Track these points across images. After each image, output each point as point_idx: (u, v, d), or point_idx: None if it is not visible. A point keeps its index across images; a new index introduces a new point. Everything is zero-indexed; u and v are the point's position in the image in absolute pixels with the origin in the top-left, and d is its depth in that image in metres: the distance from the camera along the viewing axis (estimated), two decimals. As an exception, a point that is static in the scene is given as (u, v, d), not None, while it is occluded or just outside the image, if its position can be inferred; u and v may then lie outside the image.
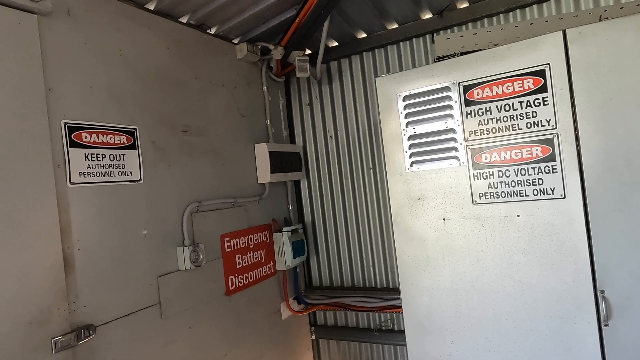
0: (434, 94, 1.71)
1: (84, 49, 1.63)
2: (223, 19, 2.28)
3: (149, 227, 1.80)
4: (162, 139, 1.93)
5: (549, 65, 1.49)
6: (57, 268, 1.43)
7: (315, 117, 2.92)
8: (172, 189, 1.94)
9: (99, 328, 1.55)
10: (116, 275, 1.65)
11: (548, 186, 1.51)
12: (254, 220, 2.50)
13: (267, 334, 2.51)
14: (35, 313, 1.36)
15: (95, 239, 1.59)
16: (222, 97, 2.35)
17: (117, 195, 1.68)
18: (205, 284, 2.06)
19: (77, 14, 1.62)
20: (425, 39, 2.52)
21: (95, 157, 1.61)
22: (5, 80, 1.35)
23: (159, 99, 1.94)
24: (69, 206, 1.51)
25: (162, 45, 1.99)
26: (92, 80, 1.64)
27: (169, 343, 1.84)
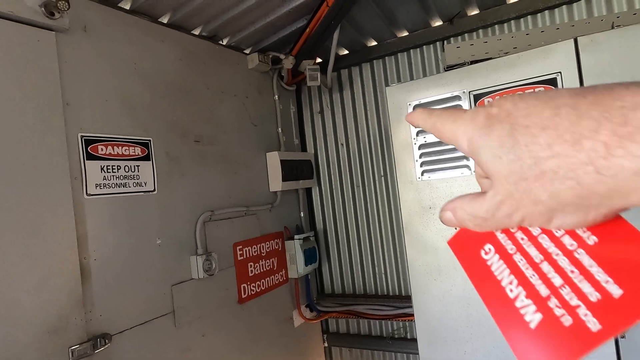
0: (444, 102, 1.71)
1: (100, 63, 1.67)
2: (235, 30, 2.31)
3: (163, 236, 1.83)
4: (176, 149, 1.96)
5: (561, 74, 1.48)
6: (74, 278, 1.47)
7: (326, 125, 2.94)
8: (185, 199, 1.97)
9: (114, 337, 1.58)
10: (131, 285, 1.68)
11: (561, 195, 1.50)
12: (266, 228, 2.52)
13: (279, 341, 2.52)
14: (54, 322, 1.39)
15: (111, 249, 1.62)
16: (234, 106, 2.39)
17: (131, 206, 1.72)
18: (218, 292, 2.08)
19: (93, 29, 1.66)
20: (436, 47, 2.52)
21: (110, 169, 1.65)
22: (25, 96, 1.40)
23: (172, 109, 1.97)
24: (85, 217, 1.54)
25: (175, 57, 2.03)
26: (107, 93, 1.69)
27: (183, 351, 1.86)
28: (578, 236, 0.30)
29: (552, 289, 0.30)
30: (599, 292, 0.27)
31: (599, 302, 0.27)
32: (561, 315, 0.28)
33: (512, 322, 0.31)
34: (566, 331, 0.28)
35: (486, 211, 0.32)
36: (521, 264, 0.32)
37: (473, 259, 0.36)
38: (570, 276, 0.29)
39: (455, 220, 0.35)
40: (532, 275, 0.31)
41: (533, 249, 0.32)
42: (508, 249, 0.34)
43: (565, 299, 0.29)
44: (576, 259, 0.30)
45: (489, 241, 0.35)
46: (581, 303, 0.28)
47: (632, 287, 0.26)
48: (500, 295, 0.33)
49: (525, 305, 0.31)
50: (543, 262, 0.31)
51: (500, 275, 0.33)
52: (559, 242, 0.31)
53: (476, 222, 0.34)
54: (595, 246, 0.29)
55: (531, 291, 0.31)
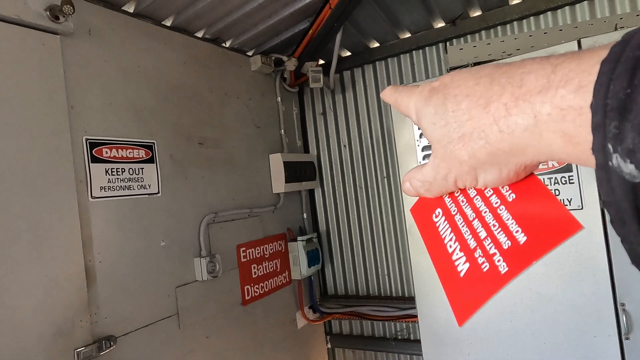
0: (447, 104, 1.71)
1: (104, 66, 1.68)
2: (237, 32, 2.32)
3: (167, 238, 1.84)
4: (180, 151, 1.97)
5: (564, 76, 1.48)
6: (79, 280, 1.47)
7: (329, 127, 2.95)
8: (189, 201, 1.98)
9: (119, 339, 1.59)
10: (136, 287, 1.68)
11: (565, 197, 1.50)
12: (269, 230, 2.53)
13: (282, 343, 2.52)
14: (59, 325, 1.40)
15: (116, 252, 1.63)
16: (237, 108, 2.39)
17: (136, 208, 1.72)
18: (222, 294, 2.09)
19: (97, 33, 1.67)
20: (439, 48, 2.52)
21: (115, 172, 1.66)
22: (30, 99, 1.40)
23: (176, 112, 1.98)
24: (90, 220, 1.55)
25: (178, 60, 2.04)
26: (112, 96, 1.69)
27: (187, 353, 1.87)
28: (502, 195, 0.35)
29: (478, 242, 0.34)
30: (510, 240, 0.32)
31: (509, 248, 0.32)
32: (482, 263, 0.33)
33: (448, 273, 0.36)
34: (484, 276, 0.32)
35: (430, 175, 0.36)
36: (459, 223, 0.37)
37: (426, 223, 0.40)
38: (492, 229, 0.34)
39: (412, 189, 0.39)
40: (466, 231, 0.36)
41: (469, 209, 0.36)
42: (451, 210, 0.38)
43: (486, 249, 0.33)
44: (498, 214, 0.34)
45: (439, 206, 0.40)
46: (497, 251, 0.32)
47: (534, 234, 0.31)
48: (442, 251, 0.37)
49: (458, 258, 0.35)
50: (475, 219, 0.36)
51: (444, 234, 0.38)
52: (487, 201, 0.35)
53: (425, 187, 0.37)
54: (513, 202, 0.34)
55: (463, 245, 0.35)
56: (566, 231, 0.31)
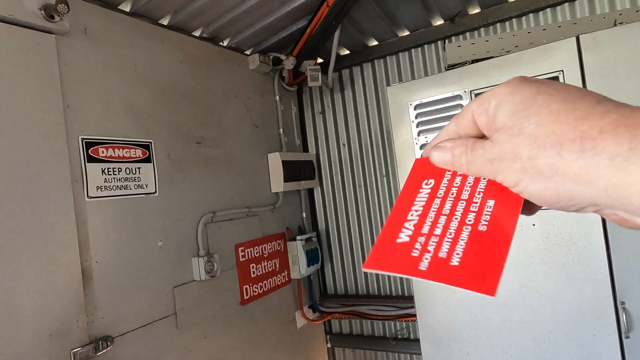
0: (445, 102, 1.70)
1: (100, 65, 1.67)
2: (235, 31, 2.31)
3: (165, 238, 1.83)
4: (177, 151, 1.96)
5: (563, 72, 1.47)
6: (75, 281, 1.47)
7: (327, 126, 2.94)
8: (186, 201, 1.97)
9: (116, 339, 1.58)
10: (133, 287, 1.68)
11: (564, 195, 1.49)
12: (268, 229, 2.52)
13: (282, 342, 2.51)
14: (56, 325, 1.39)
15: (112, 252, 1.62)
16: (235, 108, 2.38)
17: (133, 208, 1.72)
18: (220, 293, 2.08)
19: (93, 32, 1.66)
20: (437, 46, 2.51)
21: (111, 171, 1.65)
22: (25, 99, 1.40)
23: (173, 112, 1.97)
24: (86, 220, 1.55)
25: (175, 59, 2.03)
26: (108, 96, 1.69)
27: (186, 353, 1.86)
28: (482, 206, 0.36)
29: (430, 232, 0.36)
30: (449, 255, 0.33)
31: (442, 260, 0.33)
32: (418, 249, 0.35)
33: (390, 233, 0.37)
34: (409, 257, 0.34)
35: (478, 152, 0.34)
36: (434, 204, 0.38)
37: (415, 182, 0.41)
38: (446, 235, 0.35)
39: (449, 159, 0.37)
40: (431, 216, 0.37)
41: (449, 202, 0.37)
42: (438, 191, 0.39)
43: (430, 241, 0.35)
44: (465, 224, 0.35)
45: (434, 177, 0.40)
46: (432, 252, 0.34)
47: (465, 260, 0.33)
48: (402, 213, 0.39)
49: (407, 228, 0.37)
50: (445, 215, 0.37)
51: (417, 202, 0.39)
52: (467, 207, 0.36)
53: (467, 159, 0.36)
54: (486, 217, 0.35)
55: (420, 223, 0.37)
56: (478, 284, 0.32)
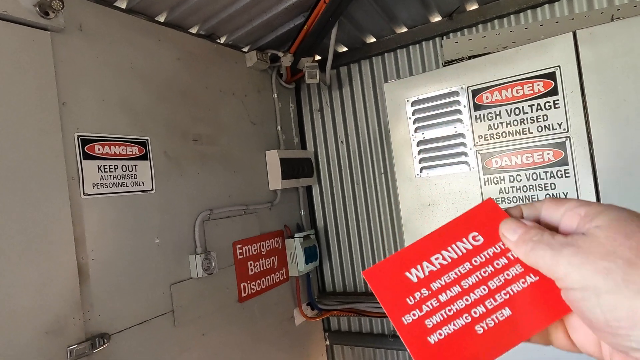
0: (442, 98, 1.70)
1: (96, 62, 1.67)
2: (232, 28, 2.30)
3: (162, 236, 1.83)
4: (174, 148, 1.96)
5: (560, 68, 1.47)
6: (72, 278, 1.47)
7: (326, 123, 2.93)
8: (184, 198, 1.97)
9: (113, 336, 1.58)
10: (130, 284, 1.67)
11: (561, 191, 1.48)
12: (266, 226, 2.51)
13: (280, 340, 2.51)
14: (52, 323, 1.39)
15: (109, 249, 1.62)
16: (232, 105, 2.38)
17: (129, 206, 1.71)
18: (218, 291, 2.08)
19: (88, 29, 1.66)
20: (435, 42, 2.50)
21: (107, 169, 1.65)
22: (21, 96, 1.39)
23: (170, 109, 1.97)
24: (82, 217, 1.54)
25: (172, 56, 2.03)
26: (104, 93, 1.68)
27: (183, 350, 1.86)
28: (508, 302, 0.36)
29: (436, 291, 0.37)
30: (433, 328, 0.36)
31: (423, 327, 0.35)
32: (415, 298, 0.37)
33: (404, 260, 0.38)
34: (401, 299, 0.36)
35: (556, 247, 0.33)
36: (461, 267, 0.37)
37: (466, 226, 0.39)
38: (447, 307, 0.36)
39: (519, 233, 0.36)
40: (450, 276, 0.37)
41: (477, 277, 0.37)
42: (476, 256, 0.38)
43: (428, 301, 0.36)
44: (473, 308, 0.36)
45: (487, 238, 0.38)
46: (422, 313, 0.36)
47: (441, 345, 0.35)
48: (430, 249, 0.38)
49: (421, 269, 0.37)
50: (463, 287, 0.37)
51: (450, 250, 0.38)
52: (491, 294, 0.36)
53: (530, 251, 0.35)
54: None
55: (435, 274, 0.37)
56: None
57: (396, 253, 0.38)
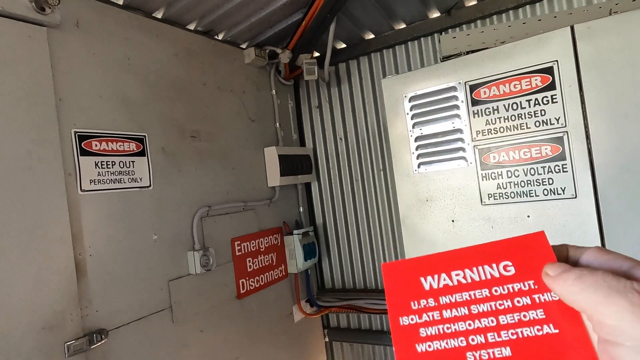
0: (440, 94, 1.69)
1: (93, 58, 1.67)
2: (230, 24, 2.30)
3: (159, 232, 1.83)
4: (172, 145, 1.95)
5: (557, 62, 1.46)
6: (69, 274, 1.47)
7: (324, 120, 2.92)
8: (181, 194, 1.96)
9: (111, 332, 1.58)
10: (127, 280, 1.67)
11: (558, 186, 1.48)
12: (265, 223, 2.51)
13: (279, 336, 2.51)
14: (49, 318, 1.39)
15: (107, 245, 1.62)
16: (231, 102, 2.38)
17: (127, 202, 1.71)
18: (216, 287, 2.08)
19: (85, 25, 1.65)
20: (434, 38, 2.50)
21: (105, 165, 1.64)
22: (17, 92, 1.39)
23: (167, 105, 1.97)
24: (80, 213, 1.54)
25: (170, 53, 2.02)
26: (101, 89, 1.68)
27: (181, 347, 1.86)
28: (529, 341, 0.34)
29: (440, 314, 0.36)
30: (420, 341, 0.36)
31: (411, 339, 0.36)
32: (420, 306, 0.37)
33: (425, 264, 0.38)
34: (405, 304, 0.37)
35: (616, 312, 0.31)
36: (478, 297, 0.36)
37: (500, 253, 0.37)
38: (448, 327, 0.36)
39: (562, 271, 0.34)
40: (463, 297, 0.37)
41: (493, 317, 0.36)
42: (500, 293, 0.36)
43: (428, 316, 0.36)
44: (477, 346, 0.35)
45: (522, 272, 0.37)
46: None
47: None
48: (453, 263, 0.38)
49: (436, 284, 0.37)
50: (472, 320, 0.36)
51: (472, 275, 0.37)
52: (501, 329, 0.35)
53: (572, 285, 0.33)
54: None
55: (448, 290, 0.37)
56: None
57: (421, 257, 0.38)
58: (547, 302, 0.34)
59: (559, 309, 0.34)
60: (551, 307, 0.34)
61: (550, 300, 0.34)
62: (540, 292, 0.35)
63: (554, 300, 0.34)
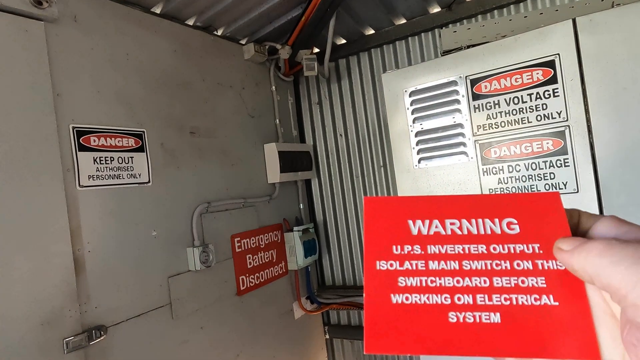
0: (440, 88, 1.68)
1: (91, 54, 1.66)
2: (229, 20, 2.29)
3: (159, 228, 1.82)
4: (171, 141, 1.94)
5: (559, 56, 1.45)
6: (67, 270, 1.46)
7: (324, 116, 2.91)
8: (181, 191, 1.95)
9: (110, 329, 1.57)
10: (126, 277, 1.67)
11: (560, 180, 1.47)
12: (265, 220, 2.50)
13: (280, 333, 2.51)
14: (47, 314, 1.38)
15: (105, 241, 1.61)
16: (230, 98, 2.36)
17: (126, 198, 1.70)
18: (216, 284, 2.07)
19: (83, 19, 1.64)
20: (434, 34, 2.48)
21: (103, 160, 1.63)
22: (14, 87, 1.38)
23: (166, 101, 1.95)
24: (78, 209, 1.53)
25: (169, 48, 2.01)
26: (99, 84, 1.67)
27: (181, 343, 1.85)
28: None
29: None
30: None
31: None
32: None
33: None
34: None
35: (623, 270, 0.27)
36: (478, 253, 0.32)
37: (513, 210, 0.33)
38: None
39: (584, 253, 0.29)
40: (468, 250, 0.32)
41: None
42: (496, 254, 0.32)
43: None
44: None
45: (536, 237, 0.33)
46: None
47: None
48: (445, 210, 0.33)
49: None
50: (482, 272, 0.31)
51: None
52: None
53: (584, 259, 0.30)
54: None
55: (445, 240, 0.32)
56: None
57: (414, 196, 0.33)
58: (551, 271, 0.31)
59: (563, 280, 0.30)
60: (554, 276, 0.31)
61: (555, 269, 0.31)
62: (544, 259, 0.31)
63: (559, 269, 0.31)
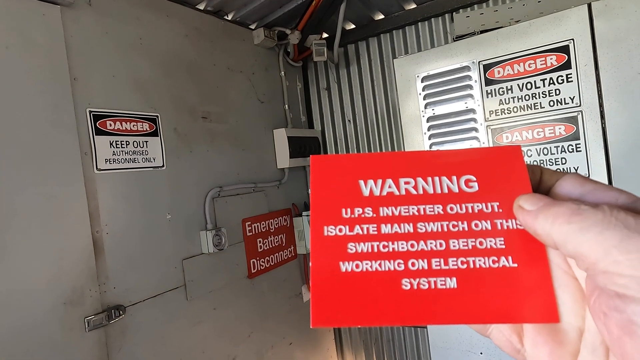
0: (453, 74, 1.69)
1: (106, 38, 1.67)
2: (239, 4, 2.28)
3: (173, 211, 1.85)
4: (183, 125, 1.96)
5: (573, 41, 1.45)
6: (87, 251, 1.49)
7: (333, 102, 2.92)
8: (193, 175, 1.98)
9: (128, 308, 1.62)
10: (143, 258, 1.70)
11: (572, 165, 1.48)
12: (274, 204, 2.53)
13: (289, 315, 2.56)
14: (69, 294, 1.42)
15: (122, 223, 1.64)
16: (240, 83, 2.37)
17: (141, 181, 1.73)
18: (228, 267, 2.11)
19: (98, 4, 1.65)
20: (445, 19, 2.47)
21: (119, 144, 1.66)
22: (33, 71, 1.40)
23: (179, 86, 1.97)
24: (96, 192, 1.56)
25: (181, 33, 2.01)
26: (114, 68, 1.68)
27: (195, 324, 1.90)
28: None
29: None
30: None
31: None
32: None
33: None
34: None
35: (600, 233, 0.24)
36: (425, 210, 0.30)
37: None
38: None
39: (551, 217, 0.26)
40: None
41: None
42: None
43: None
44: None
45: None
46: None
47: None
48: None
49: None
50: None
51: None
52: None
53: (553, 220, 0.26)
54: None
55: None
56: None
57: (364, 154, 0.31)
58: (510, 230, 0.28)
59: (521, 241, 0.28)
60: (513, 236, 0.28)
61: (515, 228, 0.28)
62: (503, 218, 0.29)
63: (518, 229, 0.28)
